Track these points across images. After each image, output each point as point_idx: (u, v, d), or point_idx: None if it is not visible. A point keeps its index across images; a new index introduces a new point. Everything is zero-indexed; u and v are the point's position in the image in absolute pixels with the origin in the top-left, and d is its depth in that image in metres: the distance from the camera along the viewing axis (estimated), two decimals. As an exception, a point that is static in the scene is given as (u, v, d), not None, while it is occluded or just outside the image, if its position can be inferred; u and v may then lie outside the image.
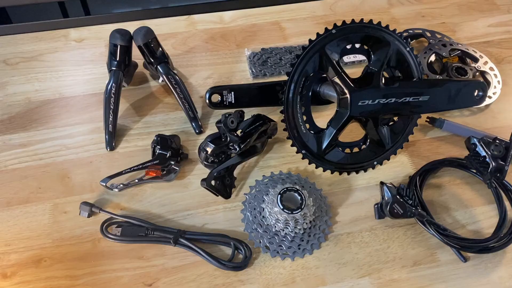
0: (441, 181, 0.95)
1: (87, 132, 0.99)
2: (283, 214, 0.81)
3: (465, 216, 0.90)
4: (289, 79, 0.86)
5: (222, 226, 0.87)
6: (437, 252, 0.85)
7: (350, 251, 0.85)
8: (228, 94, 0.98)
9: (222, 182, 0.89)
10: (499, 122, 1.04)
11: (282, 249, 0.84)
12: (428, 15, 1.26)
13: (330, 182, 0.94)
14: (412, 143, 1.00)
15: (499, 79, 1.10)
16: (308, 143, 0.90)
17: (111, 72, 0.94)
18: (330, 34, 0.86)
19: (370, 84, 0.88)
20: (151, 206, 0.90)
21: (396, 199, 0.84)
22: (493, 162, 0.88)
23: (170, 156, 0.91)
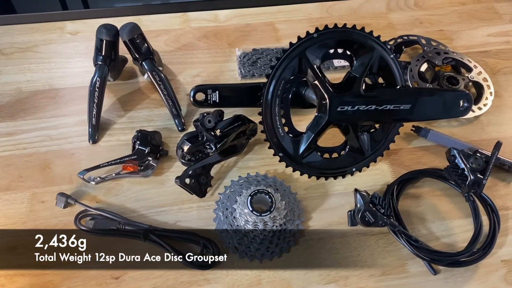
0: (420, 191, 0.93)
1: (72, 124, 1.01)
2: (252, 215, 0.81)
3: (440, 228, 0.89)
4: (268, 81, 0.86)
5: (195, 225, 0.88)
6: (407, 263, 0.84)
7: (320, 257, 0.85)
8: (212, 93, 0.98)
9: (198, 180, 0.89)
10: (487, 135, 1.02)
11: (251, 250, 0.84)
12: (426, 22, 1.25)
13: (307, 186, 0.94)
14: (395, 151, 0.99)
15: (492, 91, 1.07)
16: (285, 146, 0.90)
17: (96, 66, 0.96)
18: (312, 38, 0.86)
19: (351, 90, 0.87)
20: (126, 200, 0.91)
21: (368, 207, 0.83)
22: (471, 175, 0.86)
23: (148, 152, 0.92)
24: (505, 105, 1.07)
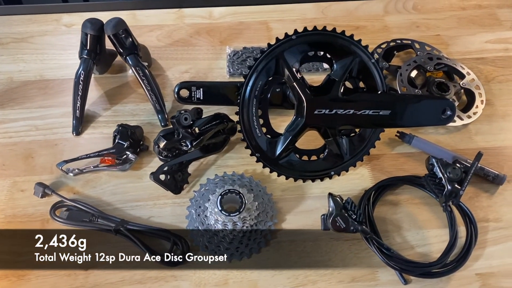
0: (399, 198, 0.92)
1: (58, 115, 1.03)
2: (222, 215, 0.81)
3: (416, 237, 0.87)
4: (246, 82, 0.86)
5: (168, 221, 0.88)
6: (378, 271, 0.83)
7: (289, 259, 0.84)
8: (196, 90, 0.98)
9: (174, 177, 0.90)
10: (474, 144, 1.00)
11: (220, 249, 0.84)
12: (423, 26, 1.22)
13: (284, 188, 0.93)
14: (376, 157, 0.97)
15: (483, 99, 1.05)
16: (262, 147, 0.89)
17: (81, 60, 0.97)
18: (290, 40, 0.85)
19: (329, 93, 0.86)
20: (103, 193, 0.92)
21: (339, 212, 0.82)
22: (448, 185, 0.84)
23: (127, 147, 0.93)
24: (496, 114, 1.05)
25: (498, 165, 0.97)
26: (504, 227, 0.89)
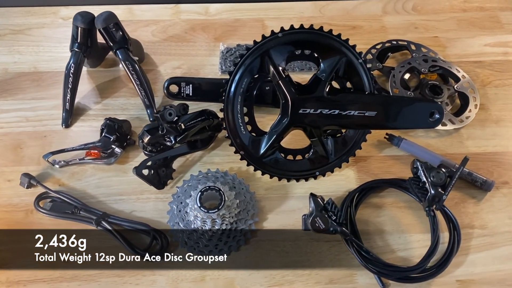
0: (384, 201, 0.91)
1: (49, 107, 1.04)
2: (201, 211, 0.81)
3: (398, 241, 0.86)
4: (231, 79, 0.86)
5: (149, 215, 0.89)
6: (357, 274, 0.83)
7: (268, 259, 0.84)
8: (186, 86, 0.99)
9: (157, 172, 0.90)
10: (464, 149, 0.98)
11: (199, 246, 0.84)
12: (422, 27, 1.20)
13: (268, 187, 0.93)
14: (364, 158, 0.96)
15: (477, 103, 1.03)
16: (247, 145, 0.89)
17: (72, 53, 0.98)
18: (276, 37, 0.85)
19: (314, 92, 0.86)
20: (88, 186, 0.92)
21: (319, 213, 0.82)
22: (431, 190, 0.83)
23: (114, 140, 0.94)
24: (489, 119, 1.03)
25: (488, 171, 0.95)
26: (489, 235, 0.87)
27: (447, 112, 1.01)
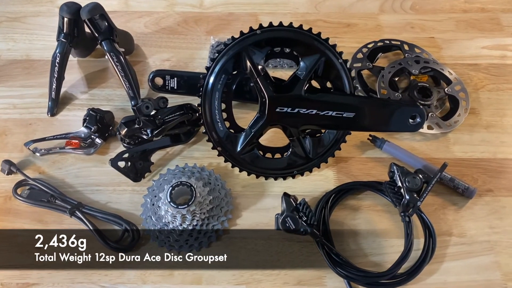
0: (361, 204, 0.90)
1: (37, 95, 1.05)
2: (171, 206, 0.81)
3: (372, 246, 0.85)
4: (208, 74, 0.85)
5: (124, 207, 0.89)
6: (326, 276, 0.82)
7: (238, 256, 0.84)
8: (171, 79, 0.98)
9: (134, 164, 0.90)
10: (450, 154, 0.96)
11: (170, 241, 0.84)
12: (418, 27, 1.18)
13: (246, 184, 0.92)
14: (344, 159, 0.95)
15: (467, 107, 1.00)
16: (224, 141, 0.88)
17: (58, 42, 0.98)
18: (255, 34, 0.83)
19: (292, 91, 0.84)
20: (67, 175, 0.93)
21: (290, 213, 0.81)
22: (406, 195, 0.81)
23: (95, 131, 0.94)
24: (479, 124, 1.00)
25: (472, 178, 0.93)
26: (466, 243, 0.85)
27: (435, 115, 0.98)
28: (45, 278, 0.82)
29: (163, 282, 0.81)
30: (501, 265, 0.82)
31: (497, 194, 0.91)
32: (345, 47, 1.10)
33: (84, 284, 0.82)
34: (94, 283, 0.82)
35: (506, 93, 1.05)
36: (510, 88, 1.06)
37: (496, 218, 0.88)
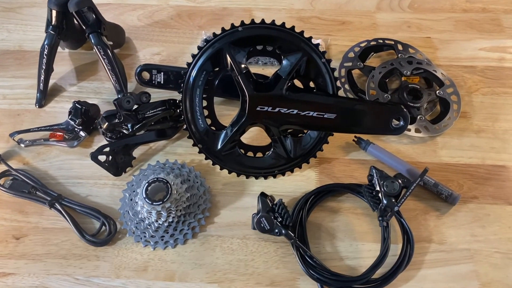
0: (340, 206, 0.88)
1: (27, 86, 1.06)
2: (146, 202, 0.81)
3: (349, 249, 0.84)
4: (189, 71, 0.85)
5: (104, 201, 0.90)
6: (300, 278, 0.81)
7: (213, 255, 0.84)
8: (157, 74, 0.98)
9: (115, 159, 0.90)
10: (437, 158, 0.94)
11: (146, 236, 0.84)
12: (415, 26, 1.15)
13: (226, 182, 0.92)
14: (328, 160, 0.93)
15: (458, 111, 0.98)
16: (205, 139, 0.88)
17: (46, 34, 0.98)
18: (236, 31, 0.82)
19: (273, 90, 0.83)
20: (50, 167, 0.94)
21: (265, 213, 0.80)
22: (384, 200, 0.80)
23: (79, 124, 0.95)
24: (469, 129, 0.97)
25: (458, 183, 0.90)
26: (446, 251, 0.83)
27: (424, 118, 0.96)
28: (21, 269, 0.83)
29: (136, 277, 0.81)
30: (480, 275, 0.81)
31: (482, 202, 0.88)
32: (337, 46, 1.10)
33: (59, 276, 0.82)
34: (69, 275, 0.82)
35: (501, 97, 1.02)
36: (506, 92, 1.03)
37: (479, 226, 0.86)
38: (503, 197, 0.89)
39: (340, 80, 1.02)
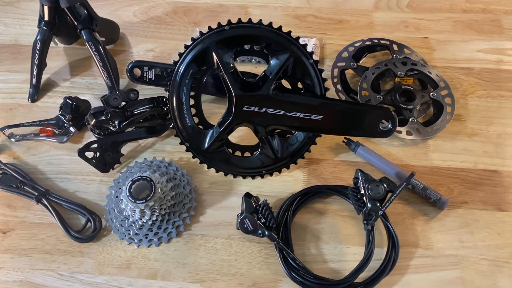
0: (327, 208, 0.88)
1: (21, 81, 1.06)
2: (129, 200, 0.81)
3: (333, 252, 0.83)
4: (176, 69, 0.84)
5: (91, 197, 0.90)
6: (282, 280, 0.81)
7: (196, 254, 0.84)
8: (148, 70, 0.98)
9: (103, 155, 0.91)
10: (428, 162, 0.92)
11: (130, 234, 0.84)
12: (412, 26, 1.13)
13: (213, 181, 0.91)
14: (317, 161, 0.93)
15: (452, 114, 0.96)
16: (193, 137, 0.87)
17: (39, 30, 0.99)
18: (223, 30, 0.82)
19: (260, 90, 0.83)
20: (40, 162, 0.95)
21: (249, 214, 0.80)
22: (368, 203, 0.79)
23: (69, 119, 0.95)
24: (463, 132, 0.96)
25: (448, 188, 0.89)
26: (432, 256, 0.82)
27: (416, 120, 0.95)
28: (6, 263, 0.83)
29: (119, 275, 0.82)
30: (465, 282, 0.79)
31: (471, 207, 0.87)
32: (333, 45, 1.09)
33: (43, 271, 0.83)
34: (53, 270, 0.83)
35: (497, 101, 1.00)
36: (502, 95, 1.01)
37: (467, 232, 0.84)
38: (494, 203, 0.87)
39: (333, 80, 1.01)
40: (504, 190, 0.88)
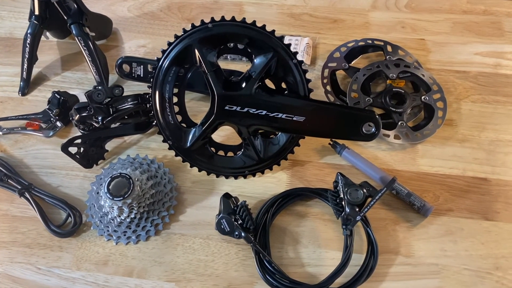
0: (308, 211, 0.86)
1: (13, 74, 1.07)
2: (107, 198, 0.81)
3: (311, 256, 0.82)
4: (158, 66, 0.84)
5: (73, 192, 0.90)
6: (258, 282, 0.80)
7: (174, 253, 0.83)
8: (137, 67, 0.98)
9: (86, 151, 0.91)
10: (415, 167, 0.90)
11: (109, 230, 0.84)
12: (409, 27, 1.10)
13: (196, 180, 0.91)
14: (301, 163, 0.91)
15: (443, 118, 0.94)
16: (176, 135, 0.87)
17: (30, 23, 0.99)
18: (206, 28, 0.81)
19: (242, 89, 0.82)
20: (26, 155, 0.95)
21: (226, 215, 0.79)
22: (347, 208, 0.78)
23: (56, 114, 0.95)
24: (454, 138, 0.93)
25: (434, 195, 0.87)
26: (412, 264, 0.80)
27: (405, 124, 0.93)
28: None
29: (96, 271, 0.82)
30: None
31: (457, 215, 0.85)
32: (326, 44, 1.07)
33: (22, 265, 0.83)
34: (32, 264, 0.83)
35: (491, 106, 0.97)
36: (497, 100, 0.98)
37: (451, 240, 0.82)
38: (480, 212, 0.85)
39: (322, 81, 0.99)
40: (492, 198, 0.86)
